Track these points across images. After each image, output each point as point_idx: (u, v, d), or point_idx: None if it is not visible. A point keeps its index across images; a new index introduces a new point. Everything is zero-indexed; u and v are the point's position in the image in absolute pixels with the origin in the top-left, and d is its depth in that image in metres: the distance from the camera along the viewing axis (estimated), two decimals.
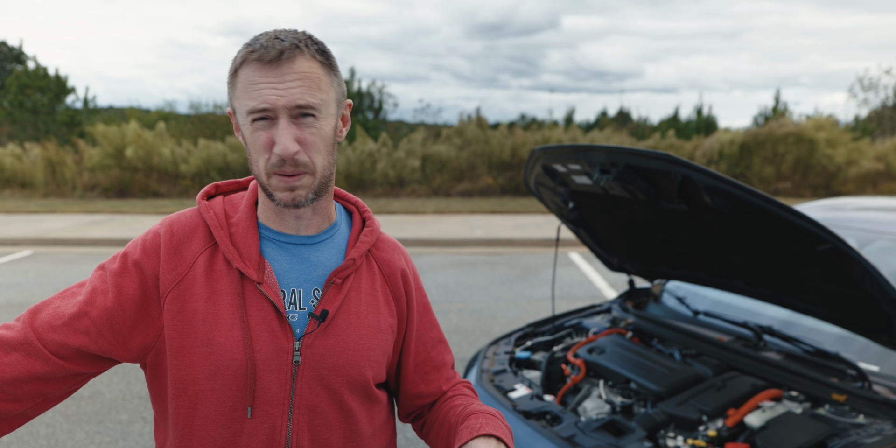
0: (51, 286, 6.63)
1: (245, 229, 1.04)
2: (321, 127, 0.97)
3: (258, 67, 0.93)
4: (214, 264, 1.02)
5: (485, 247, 9.28)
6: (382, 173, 15.22)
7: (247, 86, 0.94)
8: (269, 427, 1.01)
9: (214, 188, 1.14)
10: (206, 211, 1.06)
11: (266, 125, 0.95)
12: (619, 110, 22.00)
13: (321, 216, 1.08)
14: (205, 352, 0.98)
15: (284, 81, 0.93)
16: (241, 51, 0.95)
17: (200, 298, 1.00)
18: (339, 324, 1.04)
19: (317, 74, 0.96)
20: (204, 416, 1.01)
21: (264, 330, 1.00)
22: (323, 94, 0.96)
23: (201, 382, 1.00)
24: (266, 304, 1.01)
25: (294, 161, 0.95)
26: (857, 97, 23.68)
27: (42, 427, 3.53)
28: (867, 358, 2.03)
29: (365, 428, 1.10)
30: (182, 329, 0.99)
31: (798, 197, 14.77)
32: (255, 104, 0.93)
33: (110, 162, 14.69)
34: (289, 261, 1.05)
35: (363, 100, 18.85)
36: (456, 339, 4.94)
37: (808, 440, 1.63)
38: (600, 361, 2.16)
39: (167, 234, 1.04)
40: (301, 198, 0.98)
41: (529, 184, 2.50)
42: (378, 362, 1.09)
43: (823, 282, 1.81)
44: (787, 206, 1.60)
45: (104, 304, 0.98)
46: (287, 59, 0.93)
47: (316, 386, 1.02)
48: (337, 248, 1.10)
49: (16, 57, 22.29)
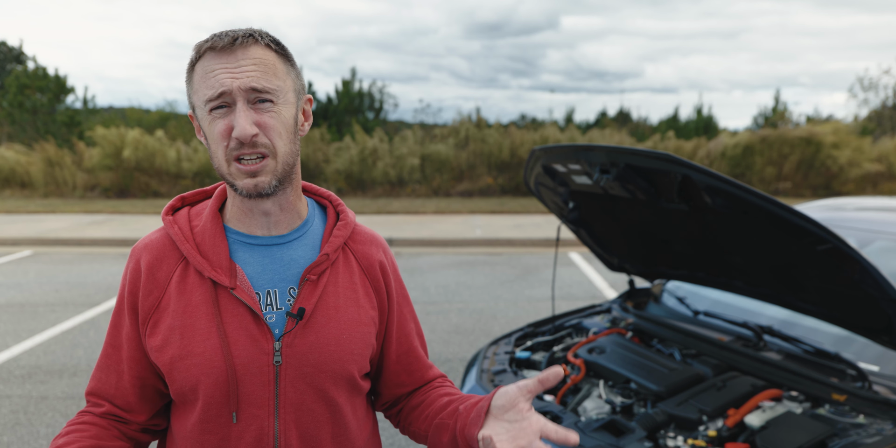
0: (51, 286, 6.64)
1: (211, 236, 1.04)
2: (280, 112, 0.97)
3: (213, 55, 0.94)
4: (188, 278, 1.03)
5: (485, 247, 9.28)
6: (382, 172, 15.21)
7: (203, 76, 0.95)
8: (257, 429, 1.01)
9: (181, 201, 1.14)
10: (170, 227, 1.07)
11: (224, 113, 0.95)
12: (619, 110, 21.98)
13: (290, 213, 1.07)
14: (185, 365, 0.99)
15: (240, 66, 0.93)
16: (196, 45, 0.96)
17: (176, 314, 1.01)
18: (319, 320, 1.04)
19: (272, 61, 0.96)
20: (193, 424, 1.03)
21: (242, 334, 1.00)
22: (279, 81, 0.96)
23: (187, 393, 1.01)
24: (242, 308, 1.01)
25: (253, 143, 0.94)
26: (857, 97, 23.68)
27: (42, 427, 3.53)
28: (867, 358, 2.04)
29: (351, 420, 1.10)
30: (162, 348, 1.01)
31: (798, 197, 14.76)
32: (212, 92, 0.93)
33: (110, 162, 14.69)
34: (261, 262, 1.05)
35: (363, 100, 18.84)
36: (456, 339, 4.94)
37: (808, 440, 1.63)
38: (600, 361, 2.16)
39: (139, 264, 1.05)
40: (264, 184, 0.97)
41: (529, 184, 2.50)
42: (362, 355, 1.08)
43: (823, 282, 1.81)
44: (788, 206, 1.60)
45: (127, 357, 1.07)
46: (241, 45, 0.94)
47: (300, 384, 1.02)
48: (311, 245, 1.09)
49: (15, 57, 22.28)
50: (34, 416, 3.67)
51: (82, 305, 5.92)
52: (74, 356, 4.58)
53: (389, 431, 3.47)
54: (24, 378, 4.21)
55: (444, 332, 5.11)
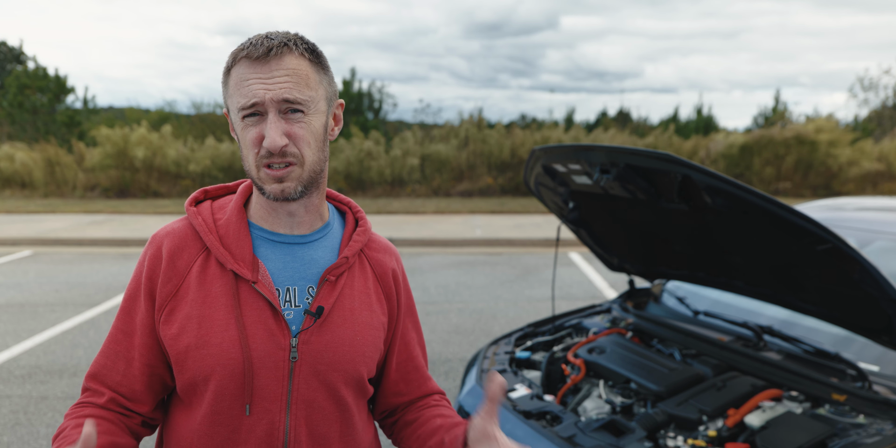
0: (51, 286, 6.64)
1: (236, 230, 1.06)
2: (310, 122, 0.99)
3: (248, 64, 0.96)
4: (208, 269, 1.04)
5: (485, 247, 9.28)
6: (379, 172, 15.20)
7: (237, 83, 0.97)
8: (268, 423, 1.02)
9: (203, 193, 1.15)
10: (194, 217, 1.08)
11: (256, 121, 0.97)
12: (619, 110, 21.96)
13: (313, 214, 1.09)
14: (201, 354, 1.00)
15: (273, 77, 0.95)
16: (234, 50, 0.98)
17: (195, 304, 1.02)
18: (335, 320, 1.06)
19: (305, 71, 0.97)
20: (202, 416, 1.03)
21: (260, 328, 1.01)
22: (311, 92, 0.98)
23: (199, 384, 1.02)
24: (262, 302, 1.03)
25: (282, 152, 0.96)
26: (857, 97, 23.67)
27: (42, 427, 3.53)
28: (867, 358, 2.04)
29: (357, 421, 1.12)
30: (177, 337, 1.01)
31: (798, 197, 14.76)
32: (245, 101, 0.95)
33: (110, 162, 14.68)
34: (283, 259, 1.07)
35: (363, 100, 18.83)
36: (456, 339, 4.94)
37: (808, 440, 1.63)
38: (600, 361, 2.16)
39: (159, 251, 1.06)
40: (290, 189, 0.99)
41: (529, 184, 2.50)
42: (371, 358, 1.11)
43: (823, 282, 1.81)
44: (788, 206, 1.60)
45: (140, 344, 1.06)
46: (275, 55, 0.95)
47: (313, 381, 1.04)
48: (330, 247, 1.11)
49: (16, 57, 22.28)
50: (34, 416, 3.67)
51: (82, 305, 5.92)
52: (74, 356, 4.58)
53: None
54: (24, 378, 4.21)
55: (444, 332, 5.11)
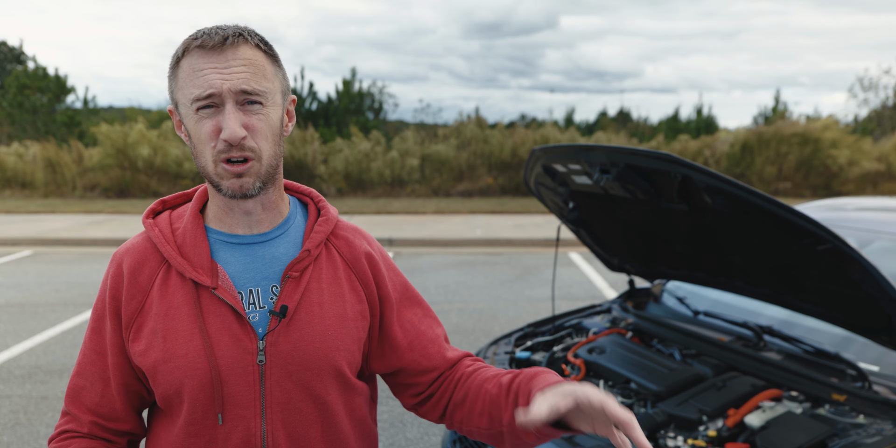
0: (51, 286, 6.64)
1: (192, 237, 1.03)
2: (268, 114, 0.96)
3: (201, 54, 0.93)
4: (169, 280, 1.02)
5: (485, 247, 9.28)
6: (379, 172, 15.20)
7: (190, 74, 0.93)
8: (243, 430, 1.00)
9: (161, 204, 1.14)
10: (151, 230, 1.06)
11: (211, 113, 0.93)
12: (619, 110, 21.99)
13: (271, 211, 1.06)
14: (169, 368, 0.99)
15: (230, 67, 0.92)
16: (184, 41, 0.95)
17: (159, 318, 1.01)
18: (302, 317, 1.02)
19: (261, 62, 0.96)
20: (179, 427, 1.02)
21: (225, 335, 0.99)
22: (268, 83, 0.96)
23: (173, 397, 1.01)
24: (224, 308, 1.00)
25: (241, 146, 0.93)
26: (857, 97, 23.69)
27: (42, 427, 3.53)
28: (867, 358, 2.03)
29: (343, 420, 1.08)
30: (145, 352, 1.00)
31: (798, 197, 14.76)
32: (200, 91, 0.92)
33: (111, 162, 14.68)
34: (243, 261, 1.04)
35: (363, 100, 18.83)
36: (456, 339, 4.94)
37: (808, 440, 1.63)
38: (600, 361, 2.16)
39: (120, 269, 1.05)
40: (249, 185, 0.96)
41: (529, 184, 2.50)
42: (350, 351, 1.06)
43: (823, 282, 1.81)
44: (788, 206, 1.60)
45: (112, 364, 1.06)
46: (231, 44, 0.93)
47: (286, 383, 1.01)
48: (293, 242, 1.08)
49: (16, 57, 22.29)
50: (34, 416, 3.67)
51: (82, 305, 5.92)
52: (74, 356, 4.58)
53: (389, 431, 3.48)
54: (24, 378, 4.21)
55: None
